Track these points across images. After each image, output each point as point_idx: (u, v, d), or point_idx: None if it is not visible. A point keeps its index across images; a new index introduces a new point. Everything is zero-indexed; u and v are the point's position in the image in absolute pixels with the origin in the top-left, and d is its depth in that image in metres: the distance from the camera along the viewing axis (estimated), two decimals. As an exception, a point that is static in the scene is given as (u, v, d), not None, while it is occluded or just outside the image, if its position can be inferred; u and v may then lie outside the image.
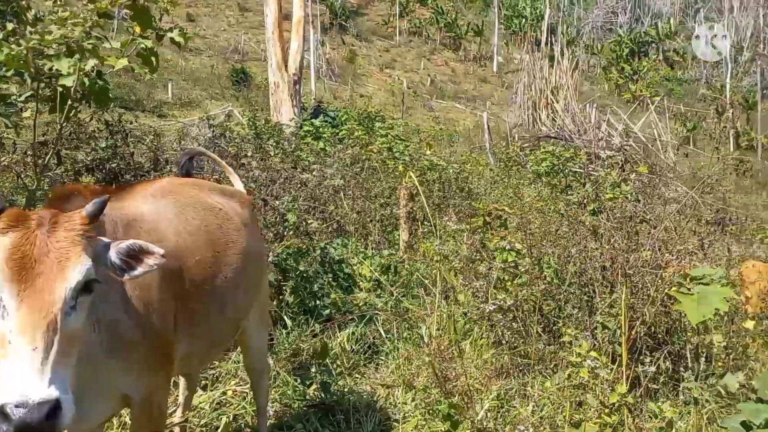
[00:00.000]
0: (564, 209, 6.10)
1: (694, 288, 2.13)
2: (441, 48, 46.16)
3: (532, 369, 3.89)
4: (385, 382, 3.70)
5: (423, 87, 38.23)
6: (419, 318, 4.46)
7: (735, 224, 7.81)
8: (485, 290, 4.36)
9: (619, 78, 43.50)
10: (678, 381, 3.95)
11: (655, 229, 4.55)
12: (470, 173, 12.04)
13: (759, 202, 17.48)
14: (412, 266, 5.85)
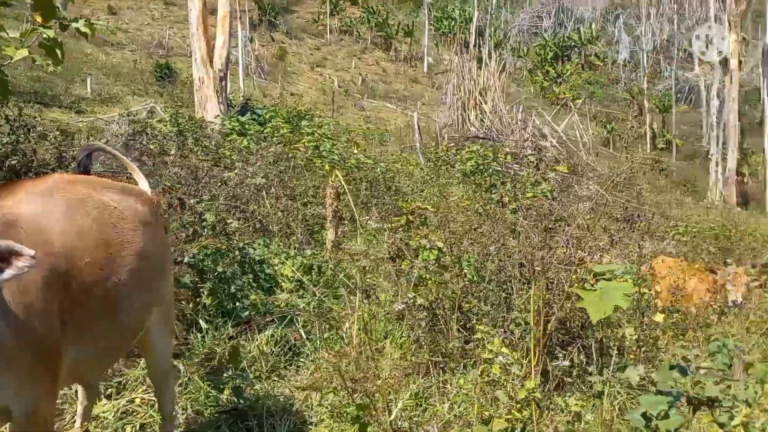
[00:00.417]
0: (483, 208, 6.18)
1: (597, 284, 2.17)
2: (372, 47, 46.30)
3: (450, 366, 3.91)
4: (303, 385, 3.63)
5: (354, 86, 38.22)
6: (341, 318, 4.40)
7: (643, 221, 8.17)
8: (406, 289, 4.35)
9: (544, 80, 44.86)
10: (591, 374, 4.06)
11: (569, 227, 4.67)
12: (399, 172, 12.09)
13: (673, 201, 18.38)
14: (336, 266, 5.79)
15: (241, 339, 4.25)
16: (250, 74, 32.45)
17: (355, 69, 41.21)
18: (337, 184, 7.36)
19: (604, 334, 4.52)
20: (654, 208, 11.97)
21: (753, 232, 12.56)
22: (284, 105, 17.41)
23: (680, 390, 2.12)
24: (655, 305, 5.89)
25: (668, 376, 2.14)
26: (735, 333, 6.22)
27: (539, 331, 3.65)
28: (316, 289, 5.11)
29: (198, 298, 4.49)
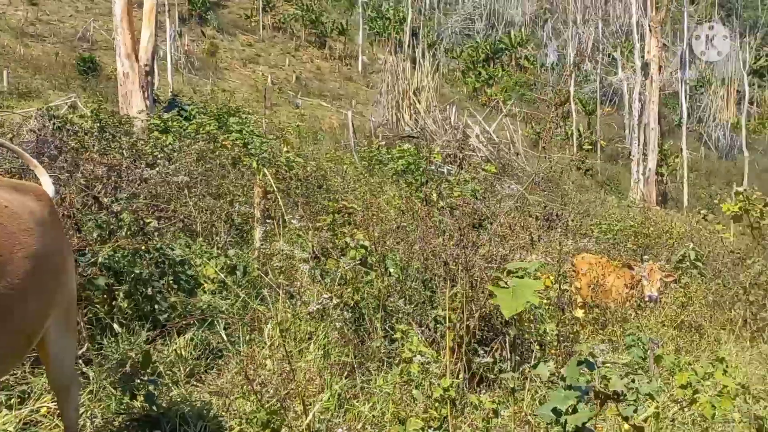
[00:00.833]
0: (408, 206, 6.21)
1: (510, 282, 2.20)
2: (306, 45, 45.97)
3: (374, 366, 3.89)
4: (223, 389, 3.52)
5: (288, 84, 37.86)
6: (265, 320, 4.31)
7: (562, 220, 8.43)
8: (331, 288, 4.31)
9: (476, 82, 45.75)
10: (513, 371, 4.13)
11: (492, 225, 4.74)
12: (332, 171, 12.02)
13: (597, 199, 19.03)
14: (263, 266, 5.68)
15: (159, 343, 4.09)
16: (180, 70, 31.62)
17: (289, 66, 40.81)
18: (266, 182, 7.23)
19: (526, 330, 4.61)
20: (578, 207, 12.38)
21: (670, 230, 13.16)
22: (215, 101, 17.03)
23: (589, 385, 2.17)
24: (575, 301, 6.07)
25: (577, 372, 2.18)
26: (651, 327, 6.49)
27: (462, 328, 3.68)
28: (240, 290, 4.99)
29: (113, 301, 4.30)
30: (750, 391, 3.61)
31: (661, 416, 3.84)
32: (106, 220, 4.73)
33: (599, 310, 6.62)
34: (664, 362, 3.88)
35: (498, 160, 18.30)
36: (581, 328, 5.57)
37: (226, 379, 3.78)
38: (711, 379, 3.67)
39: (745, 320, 7.05)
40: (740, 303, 7.26)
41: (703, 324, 6.89)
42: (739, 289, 7.42)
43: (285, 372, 2.68)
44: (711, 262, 9.17)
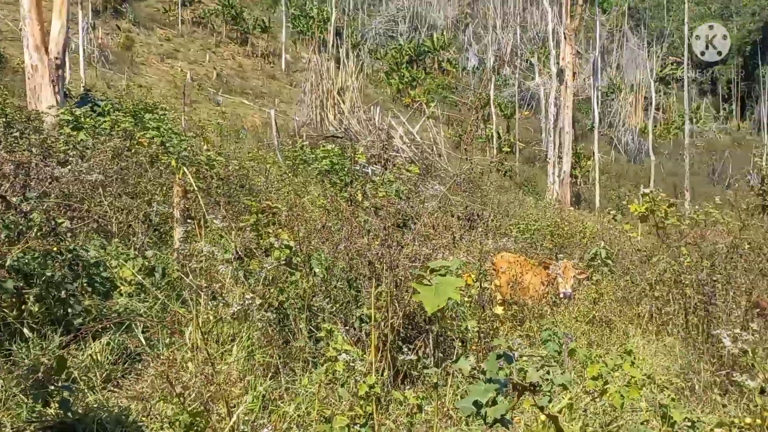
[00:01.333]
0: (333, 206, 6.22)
1: (433, 279, 2.27)
2: (227, 41, 45.05)
3: (299, 366, 3.88)
4: (143, 393, 3.42)
5: (208, 80, 36.97)
6: (185, 322, 4.21)
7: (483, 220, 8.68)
8: (255, 289, 4.26)
9: (399, 83, 46.22)
10: (437, 365, 4.23)
11: (417, 225, 4.82)
12: (254, 170, 11.84)
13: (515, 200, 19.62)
14: (183, 267, 5.53)
15: (74, 348, 3.93)
16: (93, 63, 30.30)
17: (209, 63, 39.86)
18: (186, 181, 7.05)
19: (449, 327, 4.72)
20: (497, 207, 12.75)
21: (583, 229, 13.76)
22: (131, 97, 16.42)
23: (507, 378, 2.26)
24: (495, 298, 6.26)
25: (496, 365, 2.28)
26: (565, 322, 6.78)
27: (387, 327, 3.73)
28: (159, 292, 4.85)
29: (23, 305, 4.09)
30: (656, 381, 3.85)
31: (574, 407, 4.03)
32: (15, 221, 4.49)
33: (518, 306, 6.87)
34: (578, 355, 4.07)
35: (421, 161, 18.58)
36: (501, 324, 5.76)
37: (147, 383, 3.68)
38: (620, 371, 3.88)
39: (651, 315, 7.44)
40: (646, 299, 7.65)
41: (612, 319, 7.25)
42: (645, 285, 7.83)
43: (207, 374, 2.64)
44: (620, 260, 9.63)
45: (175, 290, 5.19)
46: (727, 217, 8.58)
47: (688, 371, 5.74)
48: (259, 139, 23.53)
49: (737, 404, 4.53)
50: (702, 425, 3.56)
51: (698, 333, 6.13)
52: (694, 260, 6.93)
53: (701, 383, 5.44)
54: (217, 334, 3.98)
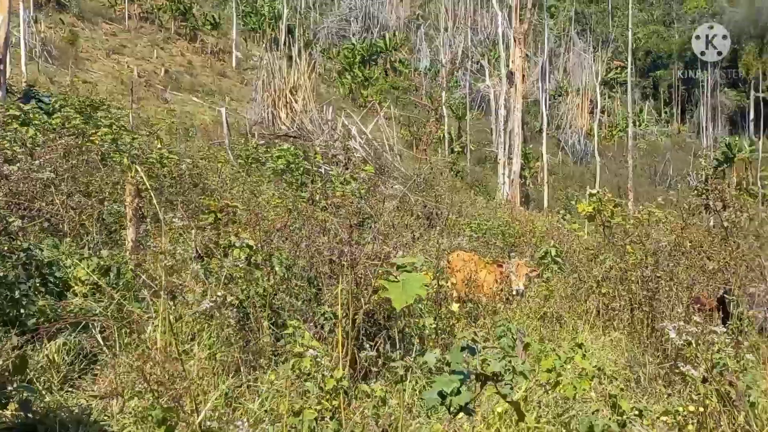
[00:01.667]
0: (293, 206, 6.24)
1: (399, 276, 2.34)
2: (176, 38, 44.20)
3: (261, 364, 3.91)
4: (102, 393, 3.39)
5: (156, 77, 36.21)
6: (143, 322, 4.17)
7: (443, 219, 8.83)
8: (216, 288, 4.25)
9: (352, 83, 46.25)
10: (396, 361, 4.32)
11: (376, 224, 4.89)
12: (207, 169, 11.70)
13: (467, 200, 19.93)
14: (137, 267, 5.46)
15: (29, 348, 3.85)
16: (35, 58, 29.27)
17: (157, 59, 39.03)
18: (138, 180, 6.94)
19: (406, 324, 4.81)
20: (451, 207, 12.95)
21: (533, 229, 14.11)
22: (76, 93, 15.94)
23: (470, 369, 2.36)
24: (451, 296, 6.40)
25: (460, 357, 2.37)
26: (517, 318, 6.97)
27: (348, 323, 3.79)
28: (114, 291, 4.78)
29: (-27, 307, 3.99)
30: (605, 372, 4.03)
31: (528, 399, 4.18)
32: (-38, 220, 4.37)
33: (472, 304, 7.02)
34: (532, 349, 4.22)
35: (375, 161, 18.67)
36: (456, 321, 5.89)
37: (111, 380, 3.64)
38: (572, 363, 4.05)
39: (598, 311, 7.71)
40: (594, 295, 7.93)
41: (562, 315, 7.49)
42: (592, 282, 8.11)
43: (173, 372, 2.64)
44: (569, 258, 9.93)
45: (130, 290, 5.12)
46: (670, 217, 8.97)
47: (634, 364, 5.99)
48: (210, 137, 23.21)
49: (680, 394, 4.77)
50: (649, 414, 3.75)
51: (643, 327, 6.39)
52: (639, 258, 7.23)
53: (646, 375, 5.69)
54: (177, 333, 3.96)
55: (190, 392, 2.43)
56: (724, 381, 3.49)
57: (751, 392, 3.41)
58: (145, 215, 7.10)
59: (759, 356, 4.29)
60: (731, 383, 3.45)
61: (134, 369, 2.97)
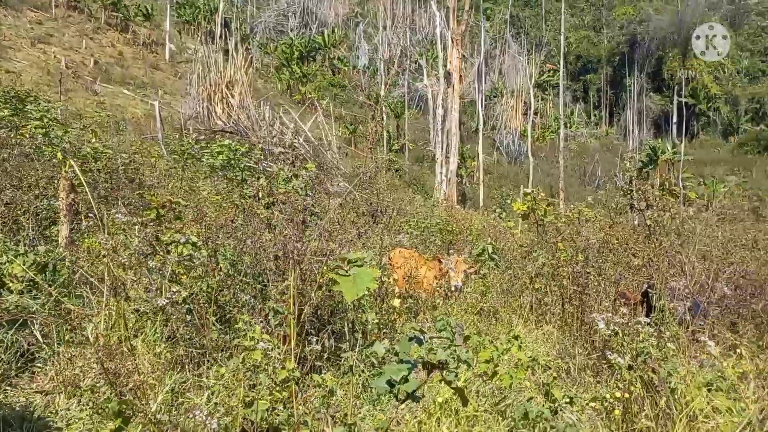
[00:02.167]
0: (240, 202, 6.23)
1: (350, 270, 2.44)
2: (106, 28, 42.77)
3: (207, 359, 3.93)
4: (44, 389, 3.33)
5: (85, 68, 34.96)
6: (83, 318, 4.11)
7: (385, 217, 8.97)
8: (159, 285, 4.23)
9: (290, 79, 45.90)
10: (339, 356, 4.42)
11: (321, 221, 4.97)
12: (142, 164, 11.44)
13: (406, 198, 20.19)
14: (74, 263, 5.35)
15: (-39, 348, 3.74)
16: (-47, 45, 27.75)
17: (86, 49, 37.66)
18: (72, 175, 6.77)
19: (350, 319, 4.91)
20: (392, 205, 13.13)
21: (469, 227, 14.47)
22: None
23: (417, 358, 2.49)
24: (393, 292, 6.54)
25: (408, 347, 2.49)
26: (456, 313, 7.18)
27: (294, 318, 3.86)
28: (53, 288, 4.68)
29: None
30: (539, 362, 4.25)
31: (467, 390, 4.36)
32: None
33: (413, 299, 7.19)
34: (471, 342, 4.40)
35: (314, 158, 18.65)
36: (398, 316, 6.03)
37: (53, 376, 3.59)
38: (508, 354, 4.25)
39: (531, 306, 8.02)
40: (528, 291, 8.24)
41: (498, 309, 7.75)
42: (526, 278, 8.42)
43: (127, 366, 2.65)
44: (504, 255, 10.26)
45: (67, 287, 5.02)
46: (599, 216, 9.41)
47: (565, 356, 6.29)
48: (142, 131, 22.59)
49: (607, 383, 5.06)
50: (579, 401, 3.99)
51: (573, 320, 6.71)
52: (570, 255, 7.57)
53: (576, 366, 5.99)
54: (119, 330, 3.92)
55: (144, 386, 2.45)
56: (648, 368, 3.76)
57: (672, 379, 3.69)
58: (79, 211, 6.93)
59: (679, 345, 4.62)
60: (654, 370, 3.72)
61: (88, 362, 2.94)
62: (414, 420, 3.97)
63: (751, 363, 4.27)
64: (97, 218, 6.26)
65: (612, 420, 3.82)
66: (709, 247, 7.78)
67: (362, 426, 3.09)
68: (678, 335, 5.07)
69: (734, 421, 3.45)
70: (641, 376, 3.81)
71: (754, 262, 6.73)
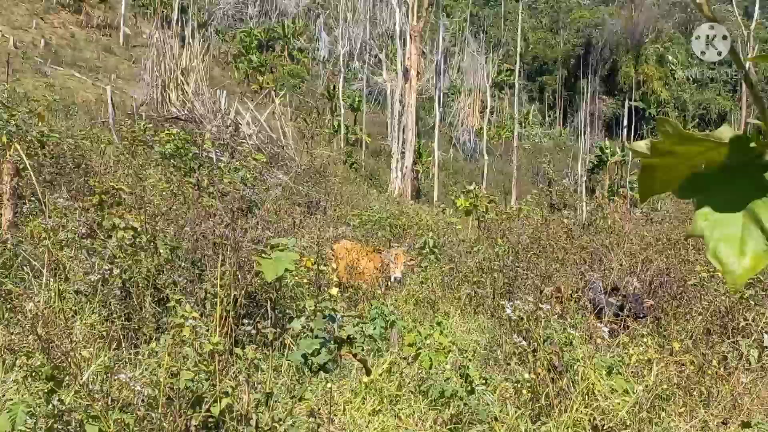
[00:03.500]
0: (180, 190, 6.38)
1: (273, 254, 2.67)
2: (59, 8, 41.65)
3: (143, 337, 4.11)
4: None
5: (35, 49, 34.02)
6: (23, 298, 4.24)
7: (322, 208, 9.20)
8: (99, 267, 4.38)
9: (248, 68, 45.50)
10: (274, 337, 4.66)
11: (260, 211, 5.19)
12: (90, 150, 11.39)
13: (360, 192, 20.44)
14: (16, 246, 5.44)
15: None
16: None
17: (36, 30, 36.64)
18: (17, 158, 6.80)
19: (288, 306, 5.16)
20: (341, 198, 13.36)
21: (418, 221, 14.81)
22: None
23: (329, 333, 2.75)
24: (332, 281, 6.80)
25: (322, 324, 2.75)
26: (395, 303, 7.49)
27: (229, 302, 4.08)
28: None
29: None
30: (458, 346, 4.57)
31: (393, 371, 4.66)
32: None
33: (353, 289, 7.46)
34: (398, 327, 4.70)
35: (268, 149, 18.69)
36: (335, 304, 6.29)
37: None
38: (431, 339, 4.57)
39: (469, 297, 8.39)
40: (467, 283, 8.60)
41: (436, 301, 8.10)
42: (466, 272, 8.78)
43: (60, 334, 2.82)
44: (447, 249, 10.62)
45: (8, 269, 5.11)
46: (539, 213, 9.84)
47: (494, 344, 6.66)
48: (93, 116, 22.21)
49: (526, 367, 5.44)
50: (493, 382, 4.34)
51: (502, 311, 7.09)
52: (506, 249, 7.97)
53: (503, 354, 6.37)
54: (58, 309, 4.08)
55: (75, 354, 2.64)
56: (552, 351, 4.11)
57: (573, 362, 4.05)
58: (23, 195, 6.98)
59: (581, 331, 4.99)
60: (555, 353, 4.08)
61: (24, 335, 3.10)
62: (342, 399, 4.24)
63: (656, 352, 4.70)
64: (40, 202, 6.34)
65: (521, 398, 4.17)
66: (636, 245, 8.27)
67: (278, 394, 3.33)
68: (580, 322, 5.46)
69: (626, 400, 3.83)
70: (549, 360, 4.17)
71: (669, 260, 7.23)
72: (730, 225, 0.59)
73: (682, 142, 0.66)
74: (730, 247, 0.59)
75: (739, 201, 0.60)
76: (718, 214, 0.61)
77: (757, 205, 0.59)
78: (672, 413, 4.15)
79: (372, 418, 4.10)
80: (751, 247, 0.58)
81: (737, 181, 0.61)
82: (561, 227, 8.71)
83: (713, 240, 0.60)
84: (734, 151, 0.61)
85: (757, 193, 0.59)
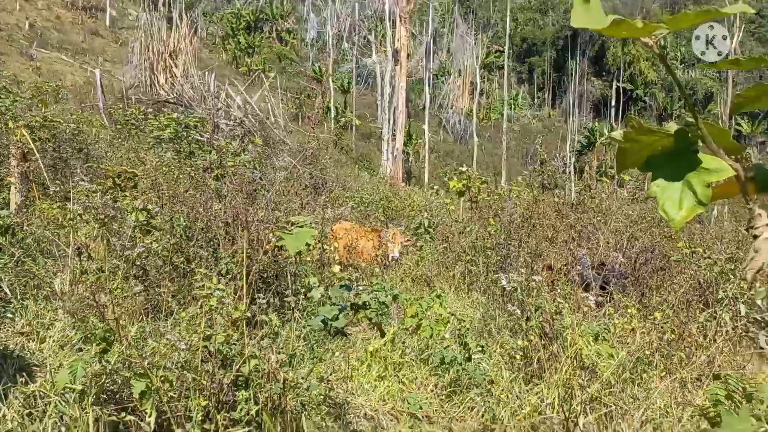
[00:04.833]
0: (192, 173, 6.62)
1: (294, 230, 2.96)
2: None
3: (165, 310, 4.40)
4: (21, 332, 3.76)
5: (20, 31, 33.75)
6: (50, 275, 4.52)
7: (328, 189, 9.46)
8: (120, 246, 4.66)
9: (236, 50, 45.31)
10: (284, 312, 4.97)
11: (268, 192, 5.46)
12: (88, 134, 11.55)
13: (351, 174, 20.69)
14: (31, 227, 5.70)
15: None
16: None
17: (20, 11, 36.30)
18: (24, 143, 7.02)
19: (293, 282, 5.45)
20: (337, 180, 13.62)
21: (411, 203, 15.13)
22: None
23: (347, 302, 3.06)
24: (334, 260, 7.10)
25: (339, 292, 3.06)
26: (393, 281, 7.81)
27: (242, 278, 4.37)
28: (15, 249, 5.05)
29: None
30: (457, 316, 4.91)
31: (396, 341, 4.99)
32: None
33: (353, 268, 7.78)
34: (400, 300, 5.02)
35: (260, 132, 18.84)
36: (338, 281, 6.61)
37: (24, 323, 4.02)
38: (431, 310, 4.89)
39: (463, 275, 8.73)
40: (461, 262, 8.94)
41: (432, 278, 8.43)
42: (460, 251, 9.12)
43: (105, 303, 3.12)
44: (441, 229, 10.95)
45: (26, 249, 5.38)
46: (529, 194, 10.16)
47: (488, 318, 7.02)
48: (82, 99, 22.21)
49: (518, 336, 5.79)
50: (489, 349, 4.68)
51: (496, 287, 7.44)
52: (498, 229, 8.30)
53: (496, 326, 6.72)
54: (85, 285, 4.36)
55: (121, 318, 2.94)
56: (543, 319, 4.45)
57: (563, 329, 4.40)
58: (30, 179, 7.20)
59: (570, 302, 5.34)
60: (546, 321, 4.42)
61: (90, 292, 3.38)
62: (348, 367, 4.57)
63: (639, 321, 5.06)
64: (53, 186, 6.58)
65: (515, 364, 4.52)
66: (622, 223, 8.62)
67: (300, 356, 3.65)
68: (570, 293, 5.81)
69: (611, 363, 4.19)
70: (540, 327, 4.52)
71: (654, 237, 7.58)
72: (673, 190, 0.90)
73: (644, 133, 0.96)
74: (672, 205, 0.90)
75: (679, 174, 0.91)
76: (666, 182, 0.92)
77: (691, 176, 0.90)
78: (654, 376, 4.52)
79: (377, 383, 4.43)
80: (686, 204, 0.89)
81: (679, 161, 0.92)
82: (551, 206, 9.04)
83: (662, 199, 0.91)
84: (677, 141, 0.92)
85: (691, 169, 0.90)
